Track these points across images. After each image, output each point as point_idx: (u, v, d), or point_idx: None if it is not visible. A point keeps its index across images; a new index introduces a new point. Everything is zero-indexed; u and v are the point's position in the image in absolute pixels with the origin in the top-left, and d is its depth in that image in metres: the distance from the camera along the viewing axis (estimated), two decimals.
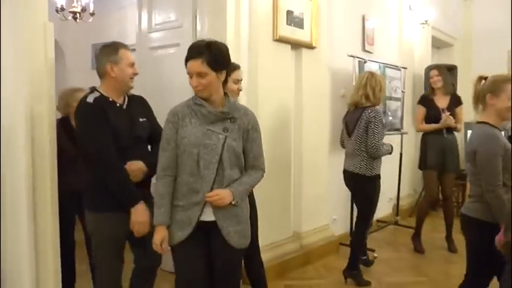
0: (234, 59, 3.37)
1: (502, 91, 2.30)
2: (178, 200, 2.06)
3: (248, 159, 2.14)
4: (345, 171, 3.69)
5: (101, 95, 2.27)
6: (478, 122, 2.41)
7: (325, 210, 4.33)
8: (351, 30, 4.81)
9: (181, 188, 2.05)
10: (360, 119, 3.46)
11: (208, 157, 2.00)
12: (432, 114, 4.48)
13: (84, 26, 5.36)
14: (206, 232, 2.08)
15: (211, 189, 2.01)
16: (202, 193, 2.00)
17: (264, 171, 2.24)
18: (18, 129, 2.32)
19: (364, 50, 4.95)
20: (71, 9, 4.93)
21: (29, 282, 2.35)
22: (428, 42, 6.42)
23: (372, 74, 3.61)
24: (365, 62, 4.52)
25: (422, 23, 5.94)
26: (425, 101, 4.60)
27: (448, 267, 4.05)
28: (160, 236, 2.04)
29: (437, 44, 7.10)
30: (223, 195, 2.00)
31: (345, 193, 4.63)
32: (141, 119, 2.39)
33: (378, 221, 5.24)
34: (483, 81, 2.46)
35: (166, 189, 2.05)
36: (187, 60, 2.02)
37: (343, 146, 3.84)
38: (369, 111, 3.42)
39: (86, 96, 2.26)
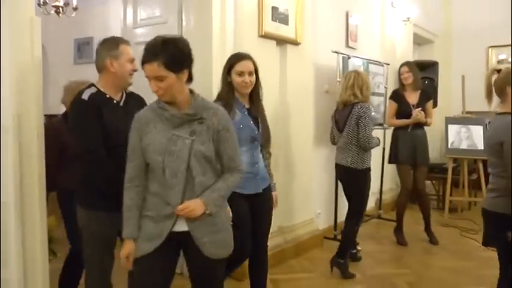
0: (219, 54, 3.41)
1: None
2: (148, 210, 1.93)
3: (223, 162, 1.98)
4: (337, 165, 3.82)
5: (98, 91, 2.22)
6: (499, 114, 2.36)
7: (310, 204, 4.38)
8: (335, 26, 4.86)
9: (151, 198, 1.93)
10: (350, 114, 3.62)
11: (174, 165, 1.84)
12: (403, 110, 4.61)
13: (67, 20, 5.29)
14: (178, 242, 1.96)
15: (182, 200, 1.86)
16: (172, 205, 1.86)
17: (242, 173, 2.06)
18: (4, 127, 2.28)
19: (347, 46, 5.01)
20: (53, 3, 4.86)
21: (17, 280, 2.33)
22: (410, 38, 6.52)
23: (358, 73, 3.75)
24: (349, 58, 4.58)
25: (404, 20, 6.04)
26: (397, 96, 4.72)
27: (429, 259, 4.15)
28: (127, 250, 1.93)
29: (419, 41, 7.22)
30: (194, 206, 1.85)
31: (329, 187, 4.71)
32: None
33: None
34: (496, 74, 2.46)
35: (133, 201, 1.93)
36: (142, 63, 1.85)
37: (334, 142, 3.95)
38: (359, 106, 3.58)
39: (81, 92, 2.21)
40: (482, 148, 5.31)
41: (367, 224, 5.06)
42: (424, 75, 5.78)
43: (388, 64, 5.38)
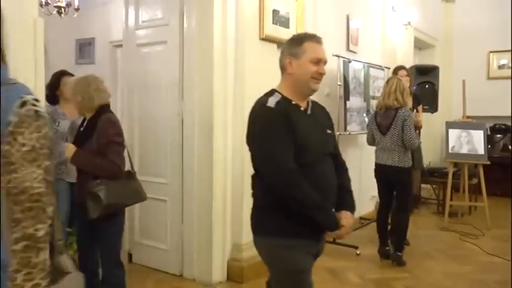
0: (220, 57, 3.42)
1: None
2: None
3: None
4: (381, 166, 4.05)
5: (283, 97, 1.89)
6: None
7: None
8: (336, 30, 4.86)
9: None
10: (395, 118, 3.93)
11: None
12: None
13: (68, 21, 5.30)
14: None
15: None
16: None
17: None
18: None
19: (348, 49, 5.01)
20: (55, 4, 4.87)
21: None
22: (411, 42, 6.54)
23: (399, 80, 4.06)
24: (349, 62, 4.58)
25: (405, 24, 6.05)
26: None
27: (428, 263, 4.14)
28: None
29: (419, 45, 7.23)
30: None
31: None
32: (328, 131, 2.03)
33: (361, 218, 5.32)
34: None
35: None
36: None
37: (372, 143, 4.19)
38: (403, 110, 3.93)
39: (264, 99, 1.90)
40: (483, 153, 5.33)
41: (366, 227, 5.05)
42: (424, 79, 5.80)
43: (388, 68, 5.38)
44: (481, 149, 5.28)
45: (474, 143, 5.39)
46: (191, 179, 3.51)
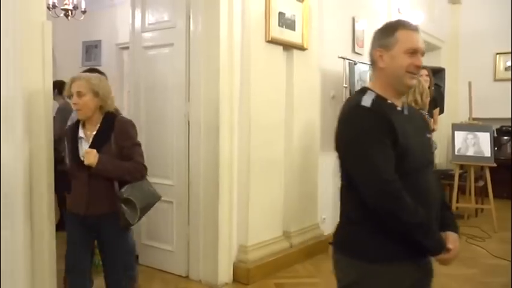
0: (226, 59, 3.44)
1: None
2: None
3: None
4: None
5: (377, 95, 1.62)
6: None
7: (315, 209, 4.39)
8: (341, 32, 4.86)
9: None
10: None
11: None
12: None
13: (75, 23, 5.35)
14: None
15: None
16: None
17: None
18: (15, 131, 2.31)
19: (354, 51, 5.00)
20: (63, 7, 4.92)
21: (25, 282, 2.36)
22: None
23: (419, 81, 3.82)
24: (355, 64, 4.58)
25: None
26: None
27: (435, 266, 4.12)
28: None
29: (425, 47, 7.18)
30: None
31: (335, 192, 4.69)
32: (428, 135, 1.75)
33: None
34: None
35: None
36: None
37: None
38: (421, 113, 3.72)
39: (357, 98, 1.64)
40: (489, 155, 5.30)
41: None
42: (434, 81, 5.77)
43: None
44: (487, 151, 5.26)
45: (480, 145, 5.37)
46: (197, 181, 3.53)
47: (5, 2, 2.23)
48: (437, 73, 5.98)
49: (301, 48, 4.02)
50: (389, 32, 1.63)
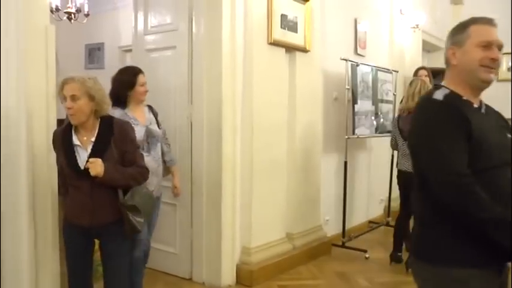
0: (229, 61, 3.45)
1: None
2: None
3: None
4: (403, 172, 3.90)
5: (451, 92, 1.59)
6: None
7: (318, 211, 4.39)
8: (344, 33, 4.87)
9: None
10: None
11: None
12: None
13: (78, 26, 5.36)
14: None
15: None
16: None
17: None
18: (18, 134, 2.32)
19: (356, 53, 5.01)
20: (66, 10, 4.93)
21: (28, 283, 2.36)
22: (419, 45, 6.51)
23: (424, 82, 3.91)
24: (357, 65, 4.58)
25: (413, 27, 6.04)
26: None
27: None
28: None
29: (428, 48, 7.20)
30: None
31: (338, 194, 4.70)
32: (509, 135, 1.64)
33: (369, 222, 5.31)
34: None
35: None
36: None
37: (395, 148, 4.11)
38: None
39: (430, 94, 1.62)
40: None
41: (375, 231, 5.04)
42: (433, 82, 5.77)
43: (396, 71, 5.37)
44: None
45: None
46: (200, 183, 3.54)
47: (9, 5, 2.24)
48: (440, 74, 5.95)
49: (304, 50, 4.03)
50: (461, 29, 1.63)
